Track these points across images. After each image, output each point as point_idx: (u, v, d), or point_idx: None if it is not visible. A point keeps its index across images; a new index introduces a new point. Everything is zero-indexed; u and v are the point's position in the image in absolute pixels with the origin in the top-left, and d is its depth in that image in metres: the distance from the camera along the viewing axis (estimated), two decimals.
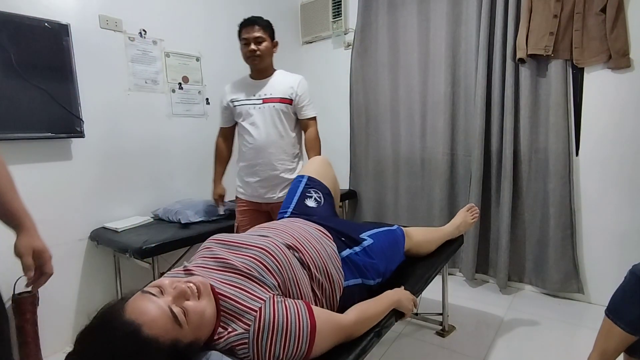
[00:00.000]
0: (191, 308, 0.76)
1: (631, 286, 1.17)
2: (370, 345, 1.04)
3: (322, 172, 1.60)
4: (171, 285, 0.78)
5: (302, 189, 1.52)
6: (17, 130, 1.69)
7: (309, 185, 1.54)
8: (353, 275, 1.18)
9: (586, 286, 2.19)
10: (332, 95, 3.18)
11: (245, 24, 1.87)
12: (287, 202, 1.52)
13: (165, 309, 0.72)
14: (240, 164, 2.00)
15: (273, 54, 1.92)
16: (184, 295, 0.77)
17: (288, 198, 1.54)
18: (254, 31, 1.84)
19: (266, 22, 1.89)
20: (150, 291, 0.75)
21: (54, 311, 1.88)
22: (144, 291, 0.75)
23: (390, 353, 1.80)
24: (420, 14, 2.57)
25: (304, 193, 1.51)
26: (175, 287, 0.78)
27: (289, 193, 1.56)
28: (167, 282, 0.79)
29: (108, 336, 0.68)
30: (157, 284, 0.79)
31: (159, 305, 0.72)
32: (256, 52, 1.82)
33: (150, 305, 0.72)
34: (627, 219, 2.04)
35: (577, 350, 1.73)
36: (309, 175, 1.58)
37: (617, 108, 2.01)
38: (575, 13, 2.01)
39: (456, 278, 2.58)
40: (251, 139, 1.89)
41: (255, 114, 1.88)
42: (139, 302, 0.73)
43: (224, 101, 1.97)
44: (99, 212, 2.05)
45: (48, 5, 1.82)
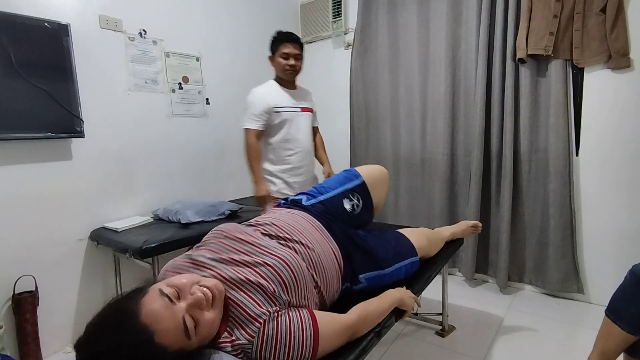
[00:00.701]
0: (203, 320, 0.77)
1: (631, 286, 1.17)
2: (370, 345, 1.04)
3: (377, 185, 1.48)
4: (189, 288, 0.78)
5: (350, 187, 1.41)
6: (17, 130, 1.68)
7: (358, 190, 1.42)
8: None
9: (586, 286, 2.19)
10: (332, 95, 3.18)
11: (288, 39, 2.03)
12: (324, 188, 1.40)
13: (179, 320, 0.73)
14: (280, 167, 2.09)
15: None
16: (199, 305, 0.77)
17: (328, 186, 1.42)
18: (296, 49, 2.05)
19: (300, 40, 2.12)
20: (167, 293, 0.75)
21: (54, 311, 1.88)
22: (162, 292, 0.75)
23: (390, 353, 1.80)
24: (420, 14, 2.57)
25: (348, 192, 1.40)
26: (192, 292, 0.78)
27: (332, 180, 1.45)
28: (185, 283, 0.79)
29: (121, 338, 0.68)
30: (175, 283, 0.78)
31: (174, 315, 0.73)
32: (295, 67, 2.06)
33: (166, 313, 0.72)
34: (627, 218, 2.04)
35: (577, 350, 1.73)
36: (365, 181, 1.44)
37: (617, 108, 2.01)
38: (575, 13, 2.01)
39: (456, 278, 2.58)
40: (298, 143, 2.10)
41: (300, 121, 2.11)
42: (155, 305, 0.72)
43: (265, 106, 2.02)
44: (99, 212, 2.05)
45: (48, 5, 1.82)
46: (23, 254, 1.78)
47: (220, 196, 2.63)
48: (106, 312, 0.74)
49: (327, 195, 1.36)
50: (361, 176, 1.44)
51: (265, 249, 0.99)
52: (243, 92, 2.81)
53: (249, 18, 2.83)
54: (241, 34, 2.78)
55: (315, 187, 1.43)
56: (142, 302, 0.73)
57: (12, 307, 1.73)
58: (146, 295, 0.75)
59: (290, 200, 1.38)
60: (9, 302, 1.74)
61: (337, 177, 1.48)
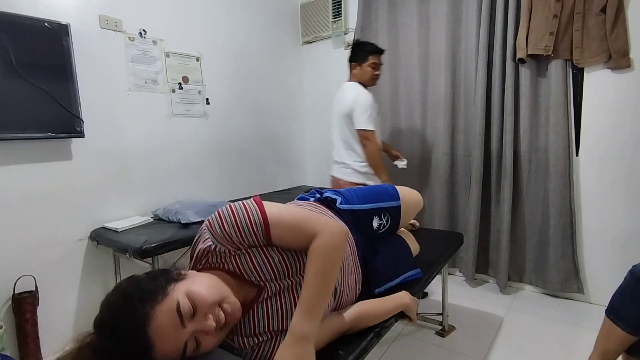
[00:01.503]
0: (205, 344, 0.76)
1: (631, 287, 1.17)
2: (370, 345, 1.04)
3: (409, 212, 1.43)
4: (207, 309, 0.75)
5: (385, 207, 1.33)
6: (17, 130, 1.68)
7: (391, 212, 1.35)
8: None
9: (586, 286, 2.19)
10: (332, 95, 3.16)
11: (378, 51, 2.21)
12: (360, 196, 1.32)
13: (180, 343, 0.72)
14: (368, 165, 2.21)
15: None
16: (207, 332, 0.75)
17: (364, 195, 1.33)
18: (381, 60, 2.24)
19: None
20: (183, 312, 0.72)
21: (54, 311, 1.88)
22: (178, 309, 0.71)
23: (390, 353, 1.80)
24: (420, 14, 2.57)
25: (381, 211, 1.32)
26: (207, 317, 0.75)
27: (371, 192, 1.37)
28: (206, 304, 0.75)
29: (121, 339, 0.68)
30: (196, 300, 0.74)
31: (178, 338, 0.72)
32: (379, 76, 2.26)
33: (172, 335, 0.71)
34: (627, 218, 2.04)
35: (577, 350, 1.73)
36: (401, 205, 1.38)
37: (617, 108, 2.01)
38: (575, 13, 2.01)
39: (456, 278, 2.58)
40: (378, 141, 2.22)
41: (378, 121, 2.26)
42: (166, 325, 0.70)
43: (374, 107, 2.17)
44: (99, 212, 2.05)
45: (48, 5, 1.82)
46: (23, 254, 1.78)
47: (220, 196, 2.63)
48: (124, 299, 0.72)
49: (361, 207, 1.29)
50: (399, 199, 1.37)
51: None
52: (243, 92, 2.83)
53: (249, 18, 2.83)
54: (241, 34, 2.78)
55: (354, 190, 1.36)
56: (157, 310, 0.70)
57: (12, 307, 1.73)
58: (164, 301, 0.72)
59: (325, 196, 1.30)
60: (9, 302, 1.74)
61: (378, 189, 1.40)
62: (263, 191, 2.99)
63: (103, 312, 0.73)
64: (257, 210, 0.87)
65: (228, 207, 0.89)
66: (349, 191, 1.34)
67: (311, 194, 1.32)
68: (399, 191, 1.40)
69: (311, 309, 0.83)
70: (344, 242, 0.91)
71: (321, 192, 1.32)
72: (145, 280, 0.76)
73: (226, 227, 0.85)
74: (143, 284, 0.75)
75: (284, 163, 3.22)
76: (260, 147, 2.97)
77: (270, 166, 3.09)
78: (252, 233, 0.86)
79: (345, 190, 1.35)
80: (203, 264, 0.89)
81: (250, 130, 2.89)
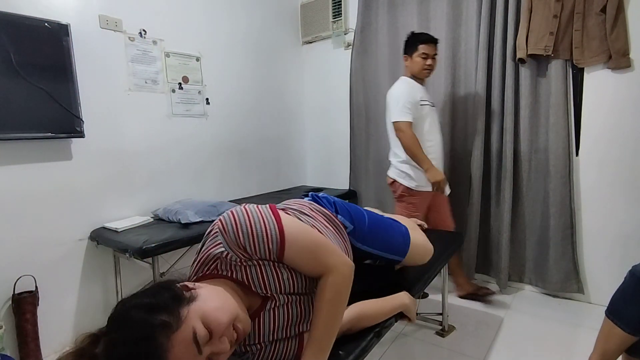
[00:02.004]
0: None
1: (631, 287, 1.17)
2: (370, 345, 1.04)
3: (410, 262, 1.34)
4: (222, 331, 0.73)
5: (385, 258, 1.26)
6: (17, 130, 1.68)
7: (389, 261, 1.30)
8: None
9: (586, 286, 2.19)
10: (332, 95, 3.18)
11: (428, 40, 2.07)
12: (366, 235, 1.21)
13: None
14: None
15: None
16: (222, 353, 0.73)
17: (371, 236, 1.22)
18: (435, 50, 2.09)
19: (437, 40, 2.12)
20: (199, 340, 0.69)
21: (54, 311, 1.88)
22: (195, 340, 0.68)
23: (390, 353, 1.80)
24: (420, 14, 2.57)
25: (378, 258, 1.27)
26: (222, 339, 0.73)
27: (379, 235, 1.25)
28: (222, 327, 0.72)
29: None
30: (212, 326, 0.71)
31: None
32: (432, 66, 2.10)
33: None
34: (627, 218, 2.04)
35: (577, 350, 1.73)
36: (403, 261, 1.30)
37: (617, 108, 2.01)
38: (575, 13, 2.01)
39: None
40: (435, 136, 2.17)
41: (434, 115, 2.18)
42: (183, 354, 0.67)
43: (415, 99, 2.07)
44: (99, 212, 2.05)
45: (48, 5, 1.82)
46: (23, 254, 1.78)
47: (220, 196, 2.63)
48: (134, 331, 0.66)
49: (362, 247, 1.20)
50: (405, 256, 1.27)
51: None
52: (243, 92, 2.83)
53: (249, 18, 2.83)
54: (241, 34, 2.78)
55: (370, 223, 1.23)
56: (173, 340, 0.66)
57: (12, 307, 1.73)
58: (180, 329, 0.67)
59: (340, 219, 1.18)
60: (9, 302, 1.74)
61: (392, 235, 1.28)
62: (263, 191, 2.99)
63: (113, 345, 0.65)
64: (275, 225, 0.85)
65: (244, 212, 0.85)
66: (363, 221, 1.22)
67: (328, 202, 1.22)
68: (412, 243, 1.29)
69: (323, 346, 0.84)
70: (351, 279, 0.91)
71: (336, 206, 1.21)
72: (152, 305, 0.69)
73: (241, 236, 0.82)
74: (152, 310, 0.68)
75: (284, 163, 3.22)
76: (260, 147, 2.97)
77: (270, 166, 3.09)
78: (266, 248, 0.83)
79: (360, 217, 1.23)
80: (211, 270, 0.86)
81: (250, 130, 2.89)
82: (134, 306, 0.69)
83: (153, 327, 0.66)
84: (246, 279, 0.85)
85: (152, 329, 0.66)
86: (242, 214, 0.85)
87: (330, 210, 1.17)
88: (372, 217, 1.28)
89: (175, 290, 0.73)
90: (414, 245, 1.29)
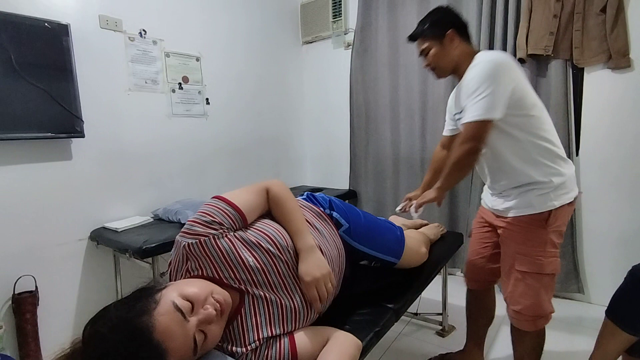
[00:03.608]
0: (211, 334, 0.78)
1: (630, 287, 1.17)
2: (370, 345, 1.04)
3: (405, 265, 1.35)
4: (203, 301, 0.78)
5: (380, 258, 1.27)
6: (17, 130, 1.68)
7: (384, 263, 1.30)
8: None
9: (586, 286, 2.19)
10: (332, 95, 3.18)
11: (409, 39, 1.56)
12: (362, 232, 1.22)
13: (189, 338, 0.73)
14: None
15: (452, 48, 1.39)
16: (210, 320, 0.77)
17: (368, 234, 1.24)
18: (419, 46, 1.49)
19: (428, 24, 1.44)
20: (181, 308, 0.73)
21: (54, 311, 1.88)
22: (176, 307, 0.73)
23: (390, 353, 1.80)
24: (420, 14, 2.56)
25: (374, 259, 1.27)
26: (205, 307, 0.77)
27: (374, 233, 1.26)
28: (199, 296, 0.78)
29: (131, 352, 0.67)
30: (189, 296, 0.76)
31: (186, 332, 0.73)
32: (429, 65, 1.47)
33: (179, 331, 0.72)
34: (627, 218, 2.04)
35: (577, 350, 1.73)
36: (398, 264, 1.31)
37: (617, 108, 2.01)
38: (575, 13, 2.01)
39: (456, 278, 2.57)
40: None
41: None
42: (169, 322, 0.71)
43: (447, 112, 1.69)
44: (99, 212, 2.05)
45: (48, 5, 1.82)
46: (23, 254, 1.78)
47: None
48: (117, 318, 0.70)
49: (357, 246, 1.21)
50: (399, 260, 1.29)
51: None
52: (243, 92, 2.83)
53: (249, 18, 2.83)
54: (241, 34, 2.78)
55: (366, 221, 1.26)
56: (156, 316, 0.70)
57: (12, 307, 1.73)
58: (159, 306, 0.72)
59: (335, 216, 1.20)
60: (9, 302, 1.74)
61: (387, 234, 1.30)
62: None
63: (102, 345, 0.68)
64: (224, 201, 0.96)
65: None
66: (359, 220, 1.24)
67: (323, 200, 1.25)
68: (406, 246, 1.31)
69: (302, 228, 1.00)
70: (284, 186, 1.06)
71: (331, 203, 1.24)
72: (128, 301, 0.75)
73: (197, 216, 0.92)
74: (129, 305, 0.73)
75: (284, 163, 3.22)
76: (260, 147, 2.97)
77: (270, 166, 3.09)
78: (224, 215, 0.92)
79: (356, 216, 1.25)
80: (183, 273, 0.90)
81: (250, 130, 2.89)
82: (113, 307, 0.74)
83: (134, 312, 0.71)
84: (215, 272, 0.88)
85: (134, 313, 0.70)
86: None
87: (323, 208, 1.21)
88: (368, 218, 1.30)
89: (146, 287, 0.80)
90: (408, 248, 1.32)
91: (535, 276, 1.27)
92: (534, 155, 1.26)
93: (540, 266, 1.26)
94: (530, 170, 1.26)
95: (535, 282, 1.28)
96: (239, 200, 0.96)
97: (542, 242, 1.26)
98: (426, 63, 1.48)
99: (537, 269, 1.27)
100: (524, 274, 1.29)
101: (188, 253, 0.88)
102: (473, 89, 1.21)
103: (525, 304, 1.29)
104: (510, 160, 1.28)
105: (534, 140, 1.26)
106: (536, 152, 1.26)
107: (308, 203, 1.21)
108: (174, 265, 0.92)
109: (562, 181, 1.25)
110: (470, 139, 1.22)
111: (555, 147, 1.30)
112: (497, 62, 1.21)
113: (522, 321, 1.33)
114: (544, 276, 1.27)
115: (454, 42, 1.38)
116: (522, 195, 1.28)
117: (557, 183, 1.24)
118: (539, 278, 1.27)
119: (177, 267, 0.91)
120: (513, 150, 1.27)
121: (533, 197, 1.25)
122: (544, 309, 1.30)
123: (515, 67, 1.24)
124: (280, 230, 0.99)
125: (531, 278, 1.28)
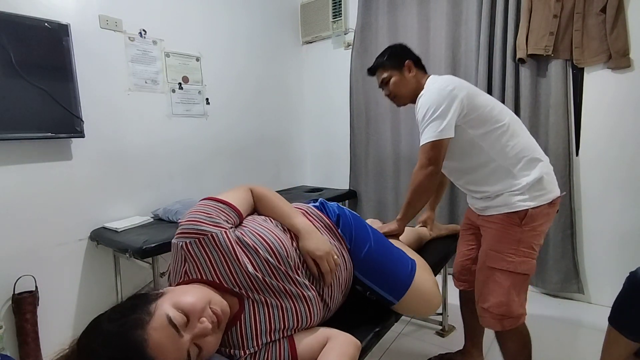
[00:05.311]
0: (207, 346, 0.76)
1: (630, 294, 1.17)
2: (370, 345, 1.04)
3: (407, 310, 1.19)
4: (198, 314, 0.76)
5: (377, 292, 1.12)
6: (17, 130, 1.68)
7: (382, 301, 1.14)
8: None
9: (586, 286, 2.19)
10: (332, 95, 3.18)
11: (368, 72, 1.62)
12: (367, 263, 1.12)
13: (183, 353, 0.72)
14: None
15: (410, 76, 1.49)
16: (205, 334, 0.76)
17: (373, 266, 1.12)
18: (379, 76, 1.55)
19: (386, 56, 1.54)
20: (176, 323, 0.72)
21: (54, 311, 1.88)
22: (170, 321, 0.71)
23: (390, 353, 1.80)
24: (420, 14, 2.57)
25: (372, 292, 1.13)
26: (202, 320, 0.76)
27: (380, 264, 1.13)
28: (195, 308, 0.75)
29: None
30: (184, 308, 0.74)
31: (179, 348, 0.72)
32: (390, 95, 1.55)
33: (172, 347, 0.71)
34: (628, 218, 2.04)
35: (577, 350, 1.73)
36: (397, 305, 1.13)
37: (617, 108, 2.01)
38: (575, 13, 2.01)
39: None
40: None
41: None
42: (162, 338, 0.70)
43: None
44: (99, 212, 2.05)
45: (48, 5, 1.82)
46: (23, 254, 1.78)
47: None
48: (110, 331, 0.69)
49: (357, 275, 1.12)
50: (397, 301, 1.12)
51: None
52: (243, 92, 2.83)
53: (249, 18, 2.83)
54: (241, 34, 2.78)
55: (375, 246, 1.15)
56: (149, 331, 0.69)
57: (12, 307, 1.73)
58: (152, 320, 0.71)
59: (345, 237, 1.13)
60: (9, 302, 1.74)
61: (395, 267, 1.15)
62: None
63: (92, 352, 0.68)
64: (213, 201, 1.00)
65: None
66: (363, 245, 1.13)
67: (333, 212, 1.18)
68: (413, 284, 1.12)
69: (293, 211, 1.04)
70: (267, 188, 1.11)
71: (340, 219, 1.15)
72: (122, 312, 0.73)
73: (191, 215, 0.93)
74: (122, 316, 0.72)
75: (284, 163, 3.22)
76: (260, 147, 2.97)
77: (270, 166, 3.09)
78: (220, 213, 0.94)
79: (362, 239, 1.14)
80: (182, 276, 0.88)
81: (250, 130, 2.88)
82: (106, 318, 0.73)
83: (126, 326, 0.69)
84: (215, 275, 0.86)
85: (126, 327, 0.69)
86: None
87: (332, 221, 1.14)
88: (378, 242, 1.17)
89: (141, 295, 0.78)
90: (416, 290, 1.12)
91: (506, 273, 1.26)
92: (504, 164, 1.29)
93: (510, 264, 1.25)
94: (500, 178, 1.29)
95: (505, 279, 1.26)
96: (230, 198, 0.99)
97: (515, 241, 1.25)
98: (386, 92, 1.55)
99: (507, 266, 1.25)
100: (493, 270, 1.28)
101: (186, 254, 0.87)
102: (422, 115, 1.31)
103: (493, 302, 1.28)
104: (480, 173, 1.33)
105: (501, 151, 1.29)
106: (507, 163, 1.28)
107: (318, 212, 1.14)
108: (173, 268, 0.91)
109: (533, 179, 1.26)
110: (427, 163, 1.29)
111: (527, 152, 1.31)
112: (441, 86, 1.30)
113: (488, 319, 1.32)
114: (514, 275, 1.26)
115: (411, 71, 1.49)
116: (498, 196, 1.30)
117: (529, 182, 1.26)
118: (509, 276, 1.26)
119: (176, 269, 0.90)
120: (480, 163, 1.32)
121: (507, 196, 1.27)
122: (513, 309, 1.27)
123: (463, 87, 1.31)
124: (279, 236, 0.95)
125: (501, 275, 1.27)
